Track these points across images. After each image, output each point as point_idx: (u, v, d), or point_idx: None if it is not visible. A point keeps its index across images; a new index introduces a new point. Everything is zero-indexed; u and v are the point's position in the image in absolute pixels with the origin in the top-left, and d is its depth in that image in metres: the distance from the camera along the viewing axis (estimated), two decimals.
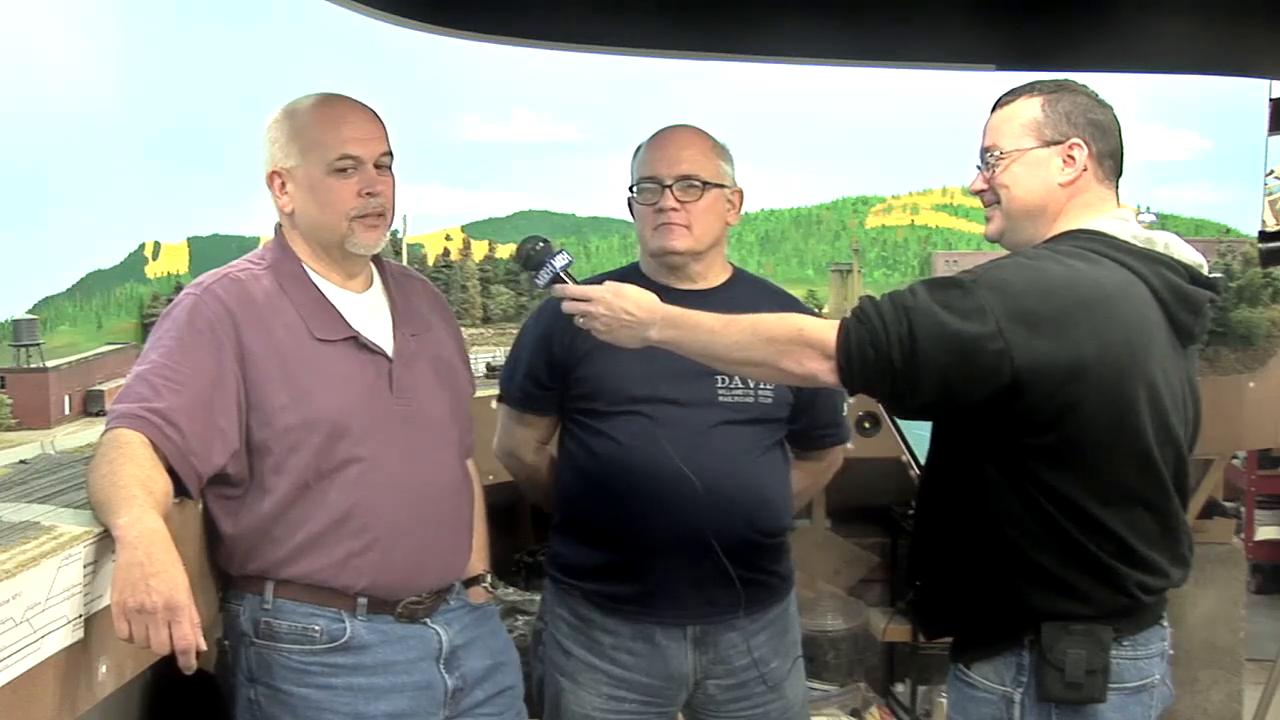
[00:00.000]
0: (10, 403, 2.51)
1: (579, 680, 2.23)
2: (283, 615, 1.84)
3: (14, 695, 1.34)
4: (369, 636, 1.87)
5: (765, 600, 2.25)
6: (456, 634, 1.96)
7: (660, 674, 2.22)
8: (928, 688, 3.75)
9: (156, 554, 1.48)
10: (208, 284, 1.87)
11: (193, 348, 1.79)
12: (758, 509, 2.19)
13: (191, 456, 1.72)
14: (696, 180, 2.16)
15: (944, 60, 3.37)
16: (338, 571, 1.85)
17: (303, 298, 1.89)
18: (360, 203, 1.87)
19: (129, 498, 1.55)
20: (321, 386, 1.84)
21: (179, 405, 1.72)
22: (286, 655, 1.84)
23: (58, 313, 2.93)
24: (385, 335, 1.95)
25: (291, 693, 1.84)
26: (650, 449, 2.14)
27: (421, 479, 1.92)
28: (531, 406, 2.31)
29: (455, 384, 2.05)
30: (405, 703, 1.89)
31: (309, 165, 1.87)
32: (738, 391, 2.18)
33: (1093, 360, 1.65)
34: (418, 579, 1.92)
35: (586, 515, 2.25)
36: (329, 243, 1.91)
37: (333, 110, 1.90)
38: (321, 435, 1.83)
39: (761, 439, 2.21)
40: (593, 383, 2.20)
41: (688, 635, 2.20)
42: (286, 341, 1.85)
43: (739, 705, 2.25)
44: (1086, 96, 1.80)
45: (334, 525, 1.84)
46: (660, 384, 2.14)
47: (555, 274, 1.93)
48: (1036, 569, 1.72)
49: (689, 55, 3.42)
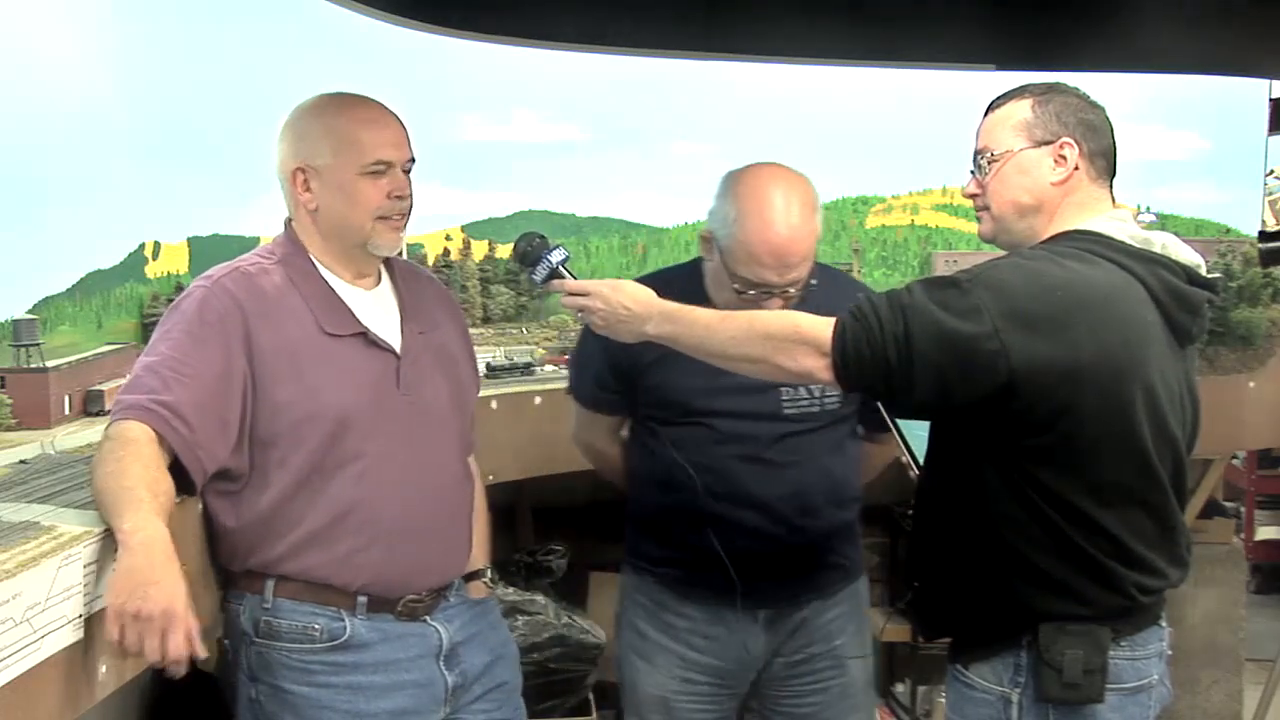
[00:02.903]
0: (10, 403, 2.51)
1: (654, 662, 2.30)
2: (282, 614, 1.85)
3: (14, 695, 1.34)
4: (369, 635, 1.88)
5: (835, 582, 2.30)
6: (457, 630, 1.98)
7: (733, 658, 2.28)
8: (927, 688, 3.75)
9: (158, 561, 1.48)
10: (217, 277, 1.87)
11: (201, 341, 1.79)
12: (823, 504, 2.23)
13: (199, 450, 1.73)
14: (801, 280, 2.08)
15: (944, 60, 3.37)
16: (338, 568, 1.85)
17: (312, 292, 1.89)
18: (388, 204, 1.88)
19: (135, 500, 1.55)
20: (329, 381, 1.85)
21: (187, 399, 1.72)
22: (287, 654, 1.85)
23: (58, 313, 2.92)
24: (394, 332, 1.95)
25: (292, 691, 1.85)
26: (711, 456, 2.17)
27: (424, 476, 1.93)
28: (602, 408, 2.36)
29: (460, 381, 2.06)
30: (406, 700, 1.90)
31: (341, 165, 1.87)
32: (803, 402, 2.18)
33: (1090, 361, 1.65)
34: (418, 576, 1.93)
35: (655, 514, 2.30)
36: (351, 242, 1.91)
37: (368, 113, 1.90)
38: (327, 429, 1.83)
39: (832, 438, 2.24)
40: (657, 393, 2.22)
41: (759, 619, 2.26)
42: (295, 335, 1.85)
43: (802, 681, 2.30)
44: (1077, 97, 1.81)
45: (336, 520, 1.85)
46: (722, 399, 2.15)
47: (552, 269, 1.94)
48: (1034, 570, 1.72)
49: (689, 55, 3.42)
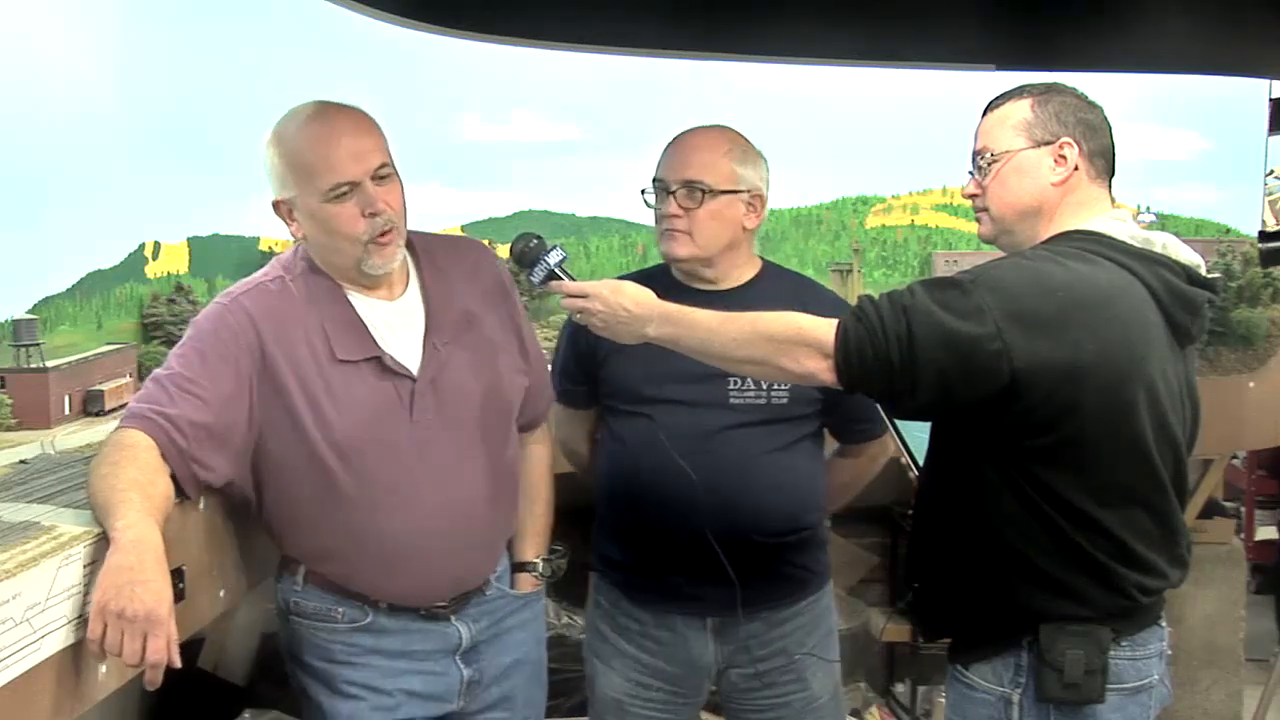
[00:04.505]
0: (10, 403, 2.51)
1: (611, 665, 2.30)
2: (310, 599, 1.93)
3: (14, 695, 1.34)
4: (390, 625, 1.93)
5: (791, 593, 2.25)
6: (481, 630, 2.00)
7: (682, 662, 2.25)
8: (928, 688, 3.75)
9: (147, 563, 1.47)
10: (237, 294, 1.87)
11: (213, 359, 1.79)
12: (767, 508, 2.18)
13: (194, 464, 1.73)
14: (700, 186, 2.13)
15: (944, 60, 3.37)
16: (355, 582, 1.91)
17: (330, 311, 1.87)
18: (367, 224, 1.81)
19: (127, 501, 1.55)
20: (336, 410, 1.83)
21: (190, 414, 1.73)
22: (312, 632, 1.93)
23: (58, 313, 2.93)
24: (413, 348, 1.90)
25: (314, 666, 1.93)
26: (653, 449, 2.15)
27: (439, 500, 1.90)
28: (568, 400, 2.35)
29: (496, 375, 1.98)
30: (420, 684, 1.95)
31: (306, 196, 1.81)
32: (750, 393, 2.16)
33: (1091, 361, 1.64)
34: (434, 593, 1.95)
35: (609, 510, 2.30)
36: (346, 265, 1.87)
37: (319, 131, 1.81)
38: (331, 459, 1.83)
39: (778, 439, 2.19)
40: (612, 382, 2.23)
41: (708, 626, 2.23)
42: (307, 361, 1.84)
43: (762, 694, 2.27)
44: (1076, 97, 1.81)
45: (344, 544, 1.88)
46: (668, 385, 2.14)
47: (550, 270, 1.91)
48: (1035, 570, 1.72)
49: (689, 55, 3.42)
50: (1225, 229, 4.51)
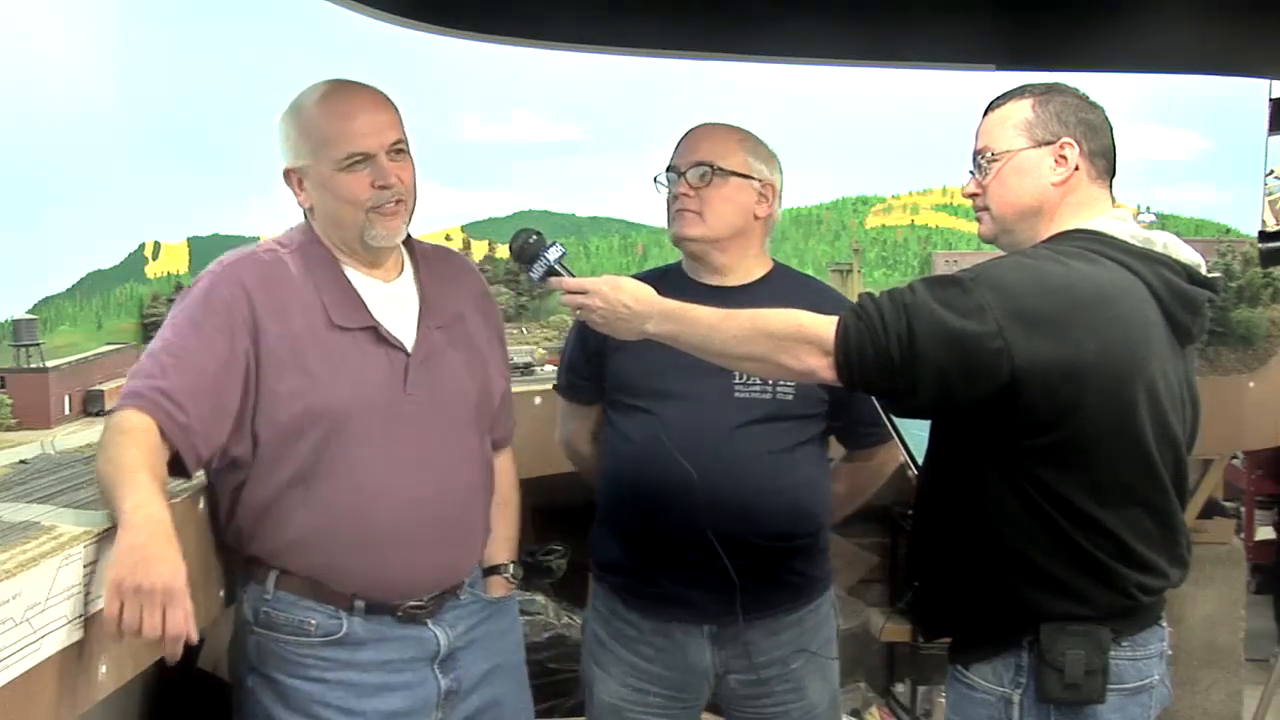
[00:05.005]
0: (10, 403, 2.51)
1: (609, 670, 2.28)
2: (281, 607, 1.85)
3: (14, 695, 1.34)
4: (365, 634, 1.87)
5: (789, 600, 2.23)
6: (459, 635, 1.95)
7: (679, 668, 2.23)
8: (927, 688, 3.76)
9: (160, 539, 1.48)
10: (229, 262, 1.86)
11: (205, 327, 1.78)
12: (768, 511, 2.16)
13: (194, 436, 1.72)
14: (710, 166, 2.14)
15: (944, 60, 3.37)
16: (331, 572, 1.84)
17: (327, 282, 1.87)
18: (374, 194, 1.83)
19: (134, 481, 1.55)
20: (330, 376, 1.82)
21: (183, 385, 1.72)
22: (283, 646, 1.85)
23: (58, 313, 2.93)
24: (408, 327, 1.91)
25: (285, 683, 1.85)
26: (653, 446, 2.14)
27: (427, 480, 1.88)
28: (574, 395, 2.35)
29: (484, 376, 2.00)
30: (398, 701, 1.89)
31: (319, 164, 1.84)
32: (755, 388, 2.15)
33: (1092, 360, 1.65)
34: (418, 583, 1.90)
35: (608, 510, 2.28)
36: (349, 236, 1.88)
37: (338, 104, 1.84)
38: (323, 427, 1.81)
39: (782, 438, 2.17)
40: (617, 377, 2.22)
41: (705, 632, 2.21)
42: (302, 327, 1.83)
43: (760, 702, 2.25)
44: (1077, 97, 1.81)
45: (327, 525, 1.83)
46: (671, 379, 2.12)
47: (549, 266, 1.91)
48: (1035, 570, 1.72)
49: (689, 55, 3.42)
50: (1225, 229, 4.51)
